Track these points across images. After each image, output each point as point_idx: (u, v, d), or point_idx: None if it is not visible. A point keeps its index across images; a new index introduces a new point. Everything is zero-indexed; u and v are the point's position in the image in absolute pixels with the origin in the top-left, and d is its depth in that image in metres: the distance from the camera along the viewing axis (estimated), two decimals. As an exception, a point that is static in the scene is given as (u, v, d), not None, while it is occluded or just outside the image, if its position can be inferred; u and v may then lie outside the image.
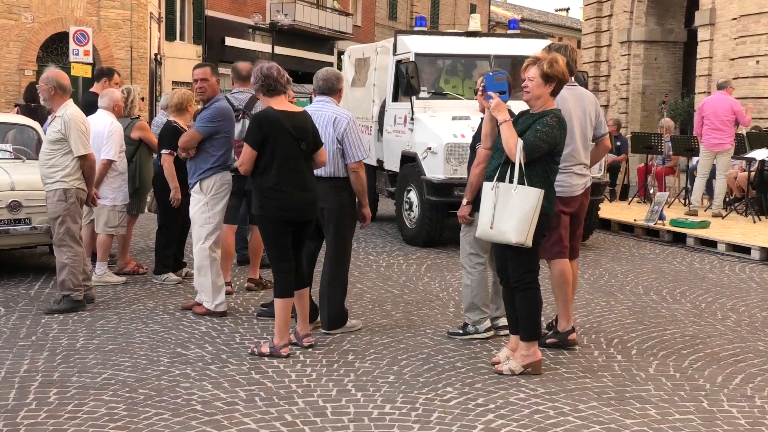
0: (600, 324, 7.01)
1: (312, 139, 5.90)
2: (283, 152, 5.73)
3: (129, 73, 25.31)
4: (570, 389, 5.25)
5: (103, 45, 25.44)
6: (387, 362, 5.75)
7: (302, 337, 6.03)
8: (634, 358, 6.00)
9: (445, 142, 10.50)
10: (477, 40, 12.39)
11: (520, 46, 11.86)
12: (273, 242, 5.88)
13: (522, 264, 5.51)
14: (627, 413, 4.84)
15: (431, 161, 10.71)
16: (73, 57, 18.89)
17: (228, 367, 5.56)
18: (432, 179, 10.64)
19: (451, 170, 10.47)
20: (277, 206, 5.76)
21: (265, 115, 5.80)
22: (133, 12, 26.34)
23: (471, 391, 5.15)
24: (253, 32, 37.99)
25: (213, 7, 35.89)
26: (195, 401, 4.89)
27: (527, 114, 5.63)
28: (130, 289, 7.98)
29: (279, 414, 4.71)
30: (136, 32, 26.55)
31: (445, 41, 12.61)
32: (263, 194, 5.78)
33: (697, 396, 5.18)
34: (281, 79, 5.85)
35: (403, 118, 11.56)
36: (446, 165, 10.49)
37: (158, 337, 6.30)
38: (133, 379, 5.28)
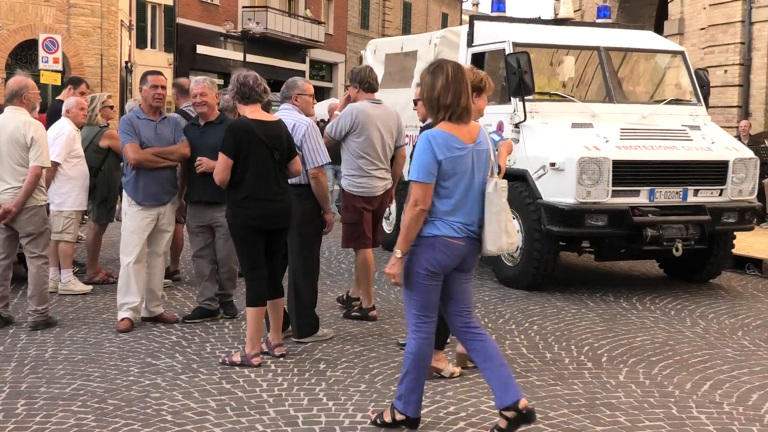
0: (571, 331, 7.05)
1: (286, 148, 5.90)
2: (256, 161, 5.72)
3: (99, 81, 25.13)
4: (541, 397, 5.27)
5: (73, 53, 25.26)
6: (359, 371, 5.74)
7: (274, 347, 6.00)
8: (605, 366, 6.04)
9: (578, 156, 8.20)
10: (572, 29, 10.40)
11: (628, 38, 10.14)
12: (246, 251, 5.86)
13: None
14: (597, 420, 4.87)
15: (551, 181, 8.50)
16: (42, 64, 18.77)
17: (199, 377, 5.52)
18: (557, 204, 8.37)
19: (584, 192, 8.22)
20: (251, 215, 5.74)
21: (239, 124, 5.79)
22: (104, 20, 26.18)
23: (442, 400, 5.16)
24: (224, 40, 37.88)
25: (184, 15, 35.75)
26: (165, 411, 4.85)
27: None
28: (100, 298, 7.91)
29: (250, 424, 4.69)
30: (107, 40, 26.38)
31: (538, 30, 10.12)
32: (236, 203, 5.77)
33: (667, 402, 5.23)
34: (257, 88, 5.84)
35: (496, 125, 9.29)
36: (578, 186, 8.20)
37: (128, 347, 6.25)
38: (103, 389, 5.24)
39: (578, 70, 9.79)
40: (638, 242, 8.35)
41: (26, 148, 6.62)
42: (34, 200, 6.69)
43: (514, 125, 8.91)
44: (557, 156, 8.40)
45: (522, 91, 8.59)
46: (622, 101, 9.39)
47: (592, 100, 9.26)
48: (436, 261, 4.34)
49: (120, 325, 6.70)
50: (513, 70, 8.61)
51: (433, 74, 4.36)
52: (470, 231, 4.40)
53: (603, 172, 8.19)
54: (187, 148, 6.92)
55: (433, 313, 4.47)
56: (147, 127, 6.82)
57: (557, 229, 8.37)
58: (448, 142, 4.29)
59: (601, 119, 8.87)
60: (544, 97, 9.21)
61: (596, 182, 8.21)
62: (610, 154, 8.28)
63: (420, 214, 4.28)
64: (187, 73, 30.54)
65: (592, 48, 9.59)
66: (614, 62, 9.68)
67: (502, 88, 9.29)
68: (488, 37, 9.71)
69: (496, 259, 9.09)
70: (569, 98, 9.24)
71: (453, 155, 4.29)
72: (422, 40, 11.15)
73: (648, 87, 10.11)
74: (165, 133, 6.88)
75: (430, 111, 4.42)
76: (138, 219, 6.79)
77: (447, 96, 4.31)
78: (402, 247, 4.32)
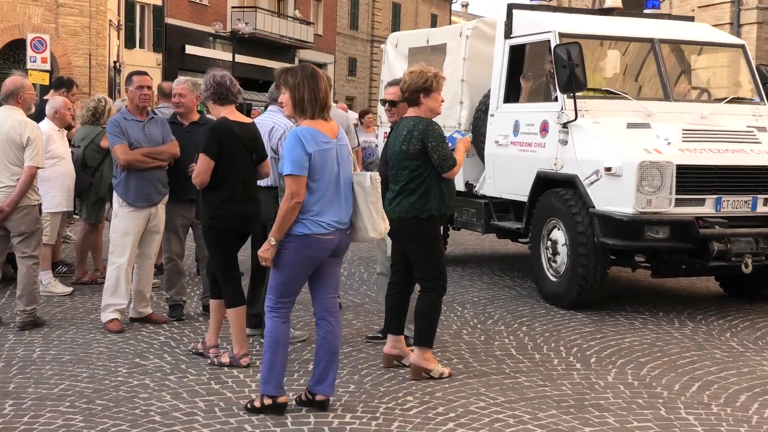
0: (560, 332, 7.06)
1: (260, 151, 5.93)
2: (237, 163, 5.72)
3: (88, 81, 25.06)
4: (530, 397, 5.28)
5: (61, 52, 25.16)
6: (348, 371, 5.74)
7: (239, 358, 5.79)
8: (593, 366, 6.05)
9: (639, 160, 7.29)
10: (621, 19, 9.43)
11: (682, 30, 9.32)
12: (223, 253, 5.83)
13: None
14: (586, 421, 4.88)
15: (605, 188, 7.56)
16: (30, 64, 18.70)
17: (187, 378, 5.51)
18: (612, 214, 7.45)
19: (644, 201, 7.31)
20: (232, 218, 5.73)
21: (222, 126, 5.77)
22: (92, 19, 26.10)
23: (431, 400, 5.16)
24: (213, 40, 37.84)
25: (173, 15, 35.68)
26: (154, 412, 4.84)
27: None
28: (88, 299, 7.88)
29: (239, 424, 4.68)
30: (95, 40, 26.30)
31: (584, 20, 9.23)
32: (217, 206, 5.72)
33: (655, 403, 5.24)
34: (233, 89, 5.84)
35: (539, 125, 8.36)
36: (638, 194, 7.29)
37: (116, 347, 6.23)
38: (91, 390, 5.21)
39: (630, 64, 8.99)
40: (703, 257, 7.51)
41: (21, 148, 6.61)
42: (27, 200, 6.68)
43: (562, 125, 8.01)
44: (613, 160, 7.46)
45: (573, 87, 7.67)
46: (679, 99, 8.55)
47: (646, 98, 8.43)
48: (307, 257, 4.74)
49: (111, 326, 6.66)
50: (563, 62, 7.68)
51: (294, 77, 4.73)
52: (338, 224, 4.78)
53: (666, 178, 7.29)
54: (176, 147, 6.90)
55: (293, 300, 4.87)
56: (135, 128, 6.79)
57: (613, 242, 7.45)
58: (316, 137, 4.68)
59: (658, 119, 8.02)
60: (594, 94, 8.34)
61: (658, 189, 7.31)
62: (674, 157, 7.39)
63: (296, 206, 4.62)
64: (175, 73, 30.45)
65: (645, 40, 8.69)
66: (668, 56, 8.76)
67: (546, 85, 8.55)
68: (530, 28, 8.76)
69: (539, 274, 8.33)
70: (623, 95, 8.32)
71: (321, 149, 4.68)
72: (451, 33, 10.25)
73: (705, 83, 9.41)
74: (154, 133, 6.85)
75: (296, 111, 4.77)
76: (129, 220, 6.76)
77: (308, 96, 4.70)
78: (276, 236, 4.66)
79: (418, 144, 5.51)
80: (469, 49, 9.62)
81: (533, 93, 8.82)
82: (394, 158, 5.63)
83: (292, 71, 4.79)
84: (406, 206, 5.55)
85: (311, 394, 4.91)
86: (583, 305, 7.83)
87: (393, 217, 5.58)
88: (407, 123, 5.63)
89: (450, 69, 9.69)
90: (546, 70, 8.52)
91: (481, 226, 9.43)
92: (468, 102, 9.56)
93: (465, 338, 6.77)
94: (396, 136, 5.67)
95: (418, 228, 5.58)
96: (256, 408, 4.83)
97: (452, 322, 7.27)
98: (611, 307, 8.14)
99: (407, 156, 5.55)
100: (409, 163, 5.55)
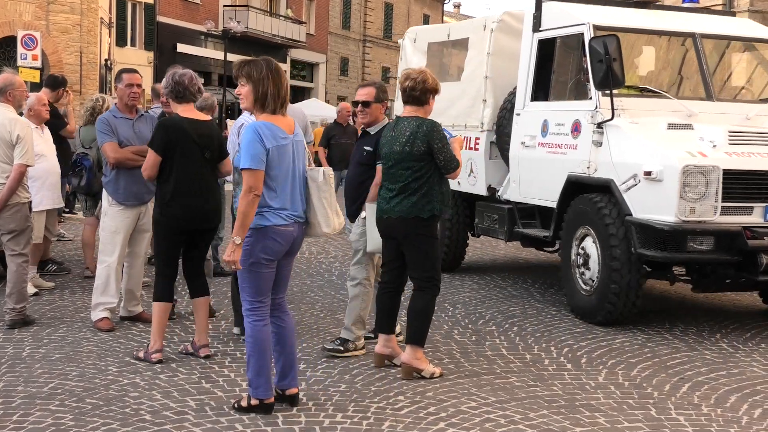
0: (550, 332, 7.07)
1: (217, 148, 5.92)
2: (185, 160, 5.74)
3: (78, 79, 24.96)
4: (521, 398, 5.28)
5: (52, 50, 25.06)
6: (339, 371, 5.73)
7: (199, 348, 5.95)
8: (584, 367, 6.06)
9: (682, 164, 6.68)
10: (658, 12, 8.72)
11: (725, 25, 8.64)
12: (164, 248, 5.90)
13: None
14: (577, 421, 4.89)
15: (644, 194, 6.95)
16: (21, 61, 18.61)
17: (178, 376, 5.49)
18: (652, 223, 6.83)
19: (687, 209, 6.69)
20: (177, 214, 5.76)
21: (170, 121, 5.85)
22: (83, 17, 25.99)
23: (422, 400, 5.16)
24: (205, 39, 37.73)
25: (165, 13, 35.58)
26: (144, 411, 4.82)
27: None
28: (78, 297, 7.85)
29: (230, 423, 4.67)
30: (86, 37, 26.19)
31: (620, 12, 8.43)
32: (165, 201, 5.79)
33: (646, 404, 5.25)
34: (191, 88, 5.87)
35: (571, 125, 7.77)
36: (680, 201, 6.67)
37: (106, 345, 6.21)
38: (81, 388, 5.19)
39: (668, 60, 8.36)
40: (751, 271, 6.91)
41: (11, 146, 6.59)
42: (17, 197, 6.66)
43: (596, 125, 7.42)
44: (653, 163, 6.85)
45: (610, 83, 7.07)
46: (722, 99, 7.94)
47: (687, 97, 7.87)
48: (270, 249, 4.73)
49: (102, 325, 6.64)
50: (599, 57, 7.11)
51: (258, 71, 4.71)
52: (296, 217, 4.82)
53: (711, 183, 6.67)
54: None
55: (267, 297, 4.84)
56: (125, 126, 6.76)
57: (652, 254, 6.81)
58: (274, 132, 4.69)
59: (701, 119, 7.47)
60: (631, 91, 7.74)
61: (702, 196, 6.67)
62: (720, 161, 6.76)
63: (254, 200, 4.60)
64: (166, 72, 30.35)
65: (686, 35, 8.07)
66: (710, 52, 8.12)
67: (578, 81, 7.96)
68: (561, 20, 8.14)
69: (570, 287, 7.72)
70: (662, 94, 7.72)
71: (278, 144, 4.69)
72: (474, 26, 9.62)
73: (750, 82, 8.74)
74: (143, 131, 6.83)
75: (256, 105, 4.77)
76: (119, 219, 6.74)
77: (272, 91, 4.71)
78: (240, 234, 4.61)
79: (423, 145, 5.50)
80: (494, 44, 9.06)
81: (564, 90, 8.25)
82: (395, 158, 5.60)
83: (255, 64, 4.75)
84: (408, 206, 5.55)
85: (281, 390, 4.95)
86: (614, 322, 7.26)
87: (393, 216, 5.58)
88: (409, 124, 5.60)
89: (472, 65, 9.31)
90: (578, 66, 7.96)
91: (504, 234, 8.82)
92: (492, 100, 9.04)
93: (456, 338, 6.77)
94: (395, 135, 5.63)
95: (418, 228, 5.57)
96: (243, 408, 4.83)
97: (443, 322, 7.27)
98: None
99: (411, 156, 5.53)
100: (413, 164, 5.53)
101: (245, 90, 4.79)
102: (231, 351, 6.16)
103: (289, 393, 4.95)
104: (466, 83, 9.42)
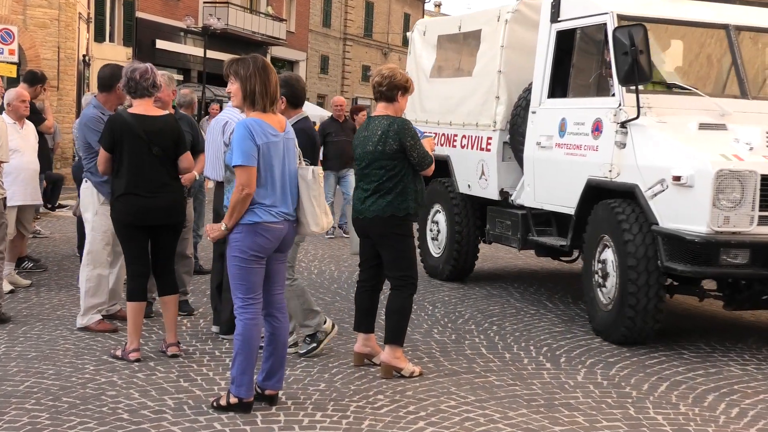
0: (530, 332, 7.08)
1: (171, 144, 5.87)
2: (133, 156, 5.71)
3: (56, 74, 24.74)
4: (500, 396, 5.29)
5: (29, 45, 24.81)
6: (318, 370, 5.71)
7: (167, 347, 5.91)
8: (563, 366, 6.08)
9: (716, 168, 6.03)
10: (686, 2, 7.94)
11: (761, 16, 7.65)
12: (125, 246, 5.91)
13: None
14: (555, 420, 4.90)
15: (672, 200, 6.31)
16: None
17: (156, 375, 5.45)
18: (682, 233, 6.17)
19: (721, 218, 6.02)
20: (128, 210, 5.74)
21: (115, 118, 5.86)
22: (61, 12, 25.76)
23: (402, 399, 5.15)
24: (184, 35, 37.53)
25: (144, 8, 35.36)
26: (121, 410, 4.78)
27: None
28: (54, 294, 7.79)
29: (208, 422, 4.64)
30: (64, 32, 25.95)
31: (647, 1, 7.60)
32: (115, 197, 5.80)
33: (624, 403, 5.27)
34: (144, 82, 5.82)
35: (591, 124, 7.09)
36: (714, 209, 6.02)
37: (83, 344, 6.16)
38: (57, 387, 5.14)
39: (700, 54, 7.55)
40: None
41: None
42: None
43: (620, 124, 6.75)
44: (683, 167, 6.18)
45: (636, 78, 6.41)
46: (758, 97, 7.16)
47: (720, 94, 7.16)
48: (259, 245, 4.73)
49: (102, 327, 6.49)
50: (623, 48, 6.42)
51: (245, 69, 4.72)
52: (286, 215, 4.81)
53: (747, 190, 6.03)
54: None
55: (259, 294, 4.82)
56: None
57: (681, 268, 6.18)
58: (265, 129, 4.70)
59: (735, 119, 6.76)
60: (658, 87, 7.03)
61: (737, 204, 6.02)
62: (758, 166, 6.11)
63: (246, 198, 4.64)
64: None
65: (719, 26, 7.28)
66: (746, 46, 7.33)
67: (600, 76, 7.30)
68: (581, 9, 7.43)
69: (590, 302, 7.09)
70: (693, 91, 6.95)
71: (269, 141, 4.70)
72: (487, 18, 8.83)
73: None
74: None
75: (246, 103, 4.76)
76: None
77: (260, 89, 4.71)
78: (228, 223, 4.70)
79: (395, 144, 5.50)
80: (508, 36, 8.34)
81: (584, 86, 7.53)
82: (368, 158, 5.60)
83: (243, 62, 4.77)
84: (383, 205, 5.54)
85: (261, 389, 4.92)
86: (633, 342, 6.64)
87: (368, 216, 5.58)
88: (380, 123, 5.61)
89: (485, 59, 8.67)
90: (600, 59, 7.28)
91: (516, 241, 8.22)
92: (505, 97, 8.35)
93: (436, 337, 6.77)
94: (368, 135, 5.63)
95: (394, 227, 5.57)
96: (222, 406, 4.80)
97: (423, 321, 7.27)
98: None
99: (383, 155, 5.53)
100: (386, 163, 5.53)
101: (234, 88, 4.79)
102: (210, 349, 6.12)
103: (268, 393, 4.93)
104: (478, 79, 8.77)
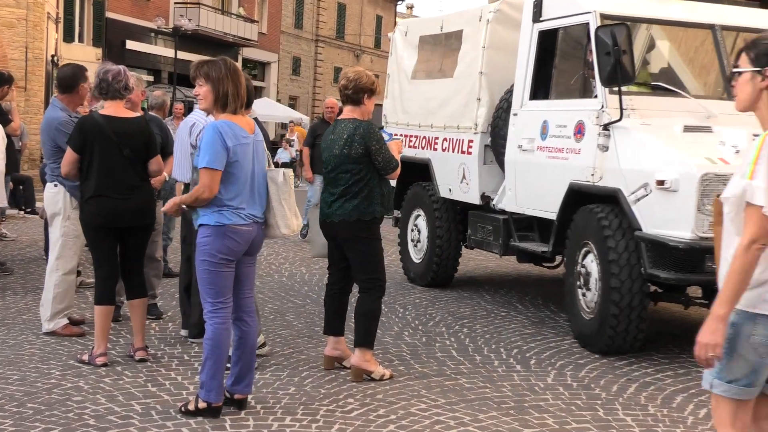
0: (500, 334, 7.09)
1: (142, 146, 5.82)
2: (103, 157, 5.67)
3: (24, 75, 24.46)
4: (470, 399, 5.28)
5: (-4, 45, 24.54)
6: (288, 373, 5.68)
7: (135, 351, 5.86)
8: (533, 368, 6.09)
9: (701, 172, 5.84)
10: (671, 1, 7.58)
11: (747, 17, 7.41)
12: (93, 248, 5.87)
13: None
14: (525, 423, 4.90)
15: (656, 205, 6.12)
16: (-36, 56, 18.19)
17: (123, 380, 5.39)
18: (665, 239, 5.98)
19: (707, 224, 5.78)
20: (97, 212, 5.69)
21: (87, 119, 5.81)
22: (29, 11, 25.47)
23: (372, 402, 5.13)
24: (155, 36, 37.27)
25: (114, 9, 35.07)
26: (87, 415, 4.72)
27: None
28: (21, 298, 7.68)
29: (176, 427, 4.59)
30: (32, 32, 25.66)
31: (629, 0, 7.33)
32: (84, 199, 5.75)
33: (593, 405, 5.29)
34: (116, 84, 5.78)
35: (573, 127, 6.90)
36: (698, 215, 5.82)
37: (49, 348, 6.07)
38: (22, 392, 5.07)
39: (684, 54, 7.38)
40: None
41: None
42: None
43: (603, 126, 6.55)
44: (667, 171, 6.01)
45: (618, 79, 6.22)
46: None
47: (705, 96, 6.97)
48: (228, 248, 4.70)
49: (70, 331, 6.40)
50: (606, 48, 6.21)
51: (216, 71, 4.69)
52: (255, 217, 4.80)
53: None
54: None
55: (228, 298, 4.78)
56: None
57: (665, 275, 6.03)
58: (235, 131, 4.67)
59: (721, 121, 6.53)
60: (642, 89, 6.87)
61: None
62: None
63: (204, 200, 4.64)
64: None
65: (704, 26, 7.07)
66: (732, 47, 7.11)
67: (583, 77, 7.12)
68: (563, 9, 7.24)
69: (572, 309, 6.91)
70: (677, 92, 6.76)
71: (240, 143, 4.67)
72: (469, 17, 8.64)
73: None
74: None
75: (217, 106, 4.72)
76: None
77: (232, 91, 4.68)
78: (187, 201, 4.74)
79: (360, 147, 5.48)
80: (490, 36, 8.17)
81: (566, 88, 7.38)
82: (334, 161, 5.58)
83: (213, 64, 4.74)
84: (350, 209, 5.52)
85: (230, 393, 4.87)
86: (617, 352, 6.47)
87: (335, 220, 5.57)
88: (346, 126, 5.59)
89: (466, 60, 8.50)
90: (584, 60, 7.09)
91: (498, 247, 8.00)
92: (487, 98, 8.17)
93: (406, 339, 6.76)
94: (334, 139, 5.62)
95: (361, 230, 5.55)
96: (190, 411, 4.75)
97: (393, 324, 7.26)
98: (551, 309, 8.21)
99: (349, 159, 5.51)
100: (352, 167, 5.52)
101: (204, 90, 4.74)
102: (178, 353, 6.07)
103: (237, 398, 4.89)
104: (460, 80, 8.60)
